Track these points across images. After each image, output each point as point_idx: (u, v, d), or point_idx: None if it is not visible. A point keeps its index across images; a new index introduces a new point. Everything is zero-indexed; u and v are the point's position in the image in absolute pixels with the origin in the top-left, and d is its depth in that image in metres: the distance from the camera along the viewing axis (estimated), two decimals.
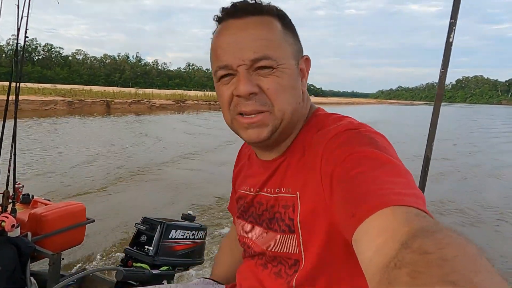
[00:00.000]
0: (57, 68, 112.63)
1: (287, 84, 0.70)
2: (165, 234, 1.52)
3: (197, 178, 6.80)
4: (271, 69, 0.68)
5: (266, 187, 0.79)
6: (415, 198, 0.51)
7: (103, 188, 5.76)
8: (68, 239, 1.64)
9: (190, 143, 11.17)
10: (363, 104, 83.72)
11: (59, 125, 14.73)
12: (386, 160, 0.58)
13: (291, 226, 0.71)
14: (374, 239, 0.45)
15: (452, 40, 1.59)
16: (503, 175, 8.73)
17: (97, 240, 3.69)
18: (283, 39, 0.71)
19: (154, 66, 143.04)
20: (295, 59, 0.73)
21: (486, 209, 5.92)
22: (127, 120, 18.89)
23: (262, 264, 0.80)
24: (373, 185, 0.53)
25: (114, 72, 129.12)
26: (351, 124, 0.70)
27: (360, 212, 0.50)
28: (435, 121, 1.63)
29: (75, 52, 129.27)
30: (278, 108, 0.70)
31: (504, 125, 27.80)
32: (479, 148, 13.31)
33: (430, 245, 0.37)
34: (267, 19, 0.70)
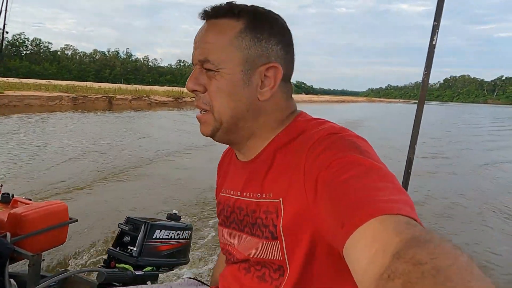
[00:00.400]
0: (45, 63, 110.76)
1: (225, 89, 0.71)
2: (149, 234, 1.48)
3: (184, 176, 6.71)
4: (213, 72, 0.71)
5: (246, 192, 0.77)
6: (404, 204, 0.50)
7: (87, 187, 5.63)
8: (49, 240, 1.59)
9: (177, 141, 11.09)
10: (354, 102, 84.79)
11: (48, 121, 14.52)
12: (371, 165, 0.58)
13: (274, 233, 0.69)
14: (366, 250, 0.45)
15: (435, 43, 1.58)
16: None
17: (80, 240, 3.62)
18: (232, 44, 0.70)
19: (145, 63, 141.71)
20: (245, 65, 0.71)
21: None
22: (128, 116, 19.14)
23: (245, 268, 0.78)
24: (360, 193, 0.52)
25: (104, 68, 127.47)
26: (333, 128, 0.69)
27: (349, 223, 0.49)
28: (417, 124, 1.63)
29: (64, 47, 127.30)
30: (216, 110, 0.73)
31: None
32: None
33: (423, 255, 0.37)
34: (222, 22, 0.71)
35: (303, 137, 0.70)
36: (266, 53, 0.71)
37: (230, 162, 0.88)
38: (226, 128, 0.74)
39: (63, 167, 6.82)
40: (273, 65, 0.72)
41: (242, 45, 0.70)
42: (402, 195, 0.53)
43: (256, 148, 0.77)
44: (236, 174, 0.83)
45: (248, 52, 0.70)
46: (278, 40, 0.72)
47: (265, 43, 0.71)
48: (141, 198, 5.28)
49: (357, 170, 0.56)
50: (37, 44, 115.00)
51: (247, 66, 0.70)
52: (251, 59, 0.71)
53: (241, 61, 0.70)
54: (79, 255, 3.36)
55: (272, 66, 0.72)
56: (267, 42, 0.71)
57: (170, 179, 6.45)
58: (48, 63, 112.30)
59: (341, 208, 0.53)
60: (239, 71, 0.70)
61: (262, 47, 0.71)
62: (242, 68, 0.70)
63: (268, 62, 0.71)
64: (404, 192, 0.55)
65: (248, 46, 0.70)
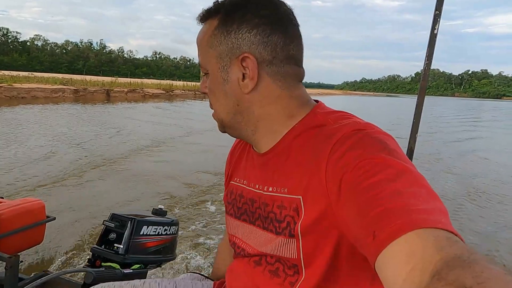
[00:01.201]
0: (15, 54, 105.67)
1: (213, 89, 0.73)
2: (136, 230, 1.41)
3: (167, 169, 6.54)
4: (207, 75, 0.74)
5: (258, 183, 0.73)
6: (441, 215, 0.46)
7: (65, 182, 5.38)
8: (26, 240, 1.48)
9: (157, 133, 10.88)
10: (331, 95, 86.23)
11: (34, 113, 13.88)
12: (401, 167, 0.53)
13: (291, 230, 0.65)
14: (402, 266, 0.41)
15: (437, 32, 1.56)
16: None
17: (59, 239, 3.44)
18: (208, 44, 0.71)
19: (120, 54, 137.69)
20: (220, 63, 0.70)
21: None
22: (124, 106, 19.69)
23: (256, 261, 0.73)
24: (393, 200, 0.48)
25: (78, 60, 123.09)
26: (358, 124, 0.63)
27: (383, 234, 0.45)
28: (418, 113, 1.61)
29: (34, 37, 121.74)
30: (214, 110, 0.76)
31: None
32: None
33: (467, 278, 0.33)
34: (205, 25, 0.72)
35: (324, 132, 0.65)
36: (236, 45, 0.68)
37: (244, 151, 0.84)
38: (229, 125, 0.75)
39: (40, 163, 6.51)
40: (245, 55, 0.67)
41: (214, 43, 0.69)
42: (436, 201, 0.49)
43: (267, 141, 0.73)
44: (249, 164, 0.79)
45: (220, 48, 0.69)
46: (252, 25, 0.67)
47: (234, 34, 0.68)
48: (122, 193, 5.10)
49: (386, 173, 0.52)
50: (5, 33, 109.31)
51: (222, 62, 0.69)
52: (223, 55, 0.69)
53: (216, 59, 0.70)
54: (59, 255, 3.19)
55: (244, 57, 0.67)
56: (236, 33, 0.68)
57: (151, 172, 6.27)
58: (18, 54, 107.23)
59: (371, 216, 0.48)
60: (217, 70, 0.70)
61: (232, 40, 0.68)
62: (219, 66, 0.70)
63: (240, 53, 0.68)
64: (437, 197, 0.50)
65: (219, 42, 0.69)
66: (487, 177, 7.46)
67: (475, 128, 18.36)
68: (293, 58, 0.70)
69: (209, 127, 10.81)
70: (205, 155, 7.80)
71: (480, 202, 5.65)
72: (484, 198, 5.87)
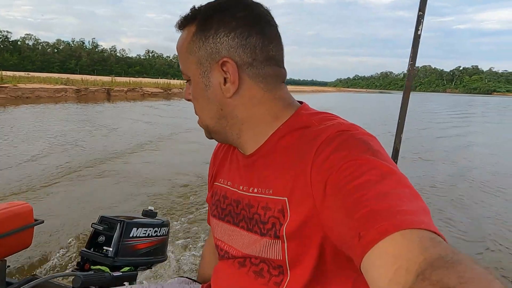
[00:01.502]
0: (5, 54, 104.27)
1: (196, 95, 0.73)
2: (126, 233, 1.40)
3: (157, 170, 6.46)
4: (189, 81, 0.73)
5: (243, 185, 0.73)
6: (424, 215, 0.47)
7: (53, 184, 5.28)
8: (13, 244, 1.45)
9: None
10: (325, 92, 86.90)
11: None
12: (386, 169, 0.53)
13: (277, 232, 0.65)
14: (387, 268, 0.41)
15: (421, 33, 1.57)
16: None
17: (48, 243, 3.39)
18: (187, 50, 0.71)
19: (112, 53, 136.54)
20: (201, 68, 0.69)
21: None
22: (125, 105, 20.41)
23: (240, 263, 0.73)
24: (378, 201, 0.48)
25: (70, 59, 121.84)
26: (342, 125, 0.63)
27: (368, 236, 0.46)
28: (403, 114, 1.61)
29: (25, 36, 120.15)
30: (199, 117, 0.76)
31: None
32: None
33: (451, 278, 0.34)
34: (186, 30, 0.71)
35: (309, 133, 0.65)
36: (215, 49, 0.67)
37: (228, 152, 0.84)
38: (214, 130, 0.75)
39: (28, 164, 6.42)
40: (224, 60, 0.67)
41: (193, 48, 0.69)
42: (419, 201, 0.50)
43: (253, 143, 0.72)
44: (234, 165, 0.78)
45: (199, 54, 0.69)
46: (229, 29, 0.67)
47: (212, 39, 0.67)
48: (111, 195, 5.04)
49: (371, 174, 0.52)
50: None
51: (202, 68, 0.69)
52: (203, 60, 0.69)
53: (197, 65, 0.70)
54: (48, 259, 3.15)
55: (224, 61, 0.67)
56: (214, 37, 0.67)
57: (140, 173, 6.20)
58: (9, 53, 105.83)
59: (356, 218, 0.49)
60: (198, 76, 0.70)
61: (210, 44, 0.67)
62: (199, 72, 0.70)
63: (220, 58, 0.67)
64: (419, 197, 0.51)
65: (198, 48, 0.69)
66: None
67: (460, 122, 18.70)
68: (273, 59, 0.69)
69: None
70: (195, 154, 7.78)
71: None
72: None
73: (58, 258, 3.16)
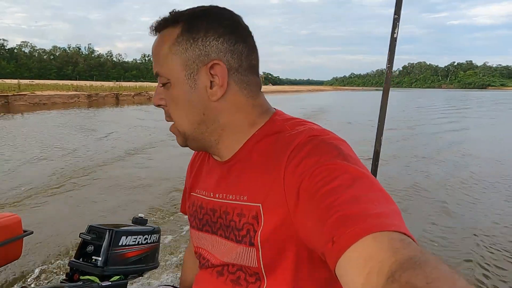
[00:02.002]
0: (2, 61, 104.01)
1: (177, 99, 0.69)
2: (114, 241, 1.38)
3: (147, 176, 6.32)
4: (168, 84, 0.69)
5: (219, 193, 0.73)
6: (395, 218, 0.48)
7: (42, 193, 5.16)
8: (2, 256, 1.43)
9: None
10: (322, 91, 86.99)
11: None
12: (357, 173, 0.54)
13: (251, 239, 0.65)
14: (360, 271, 0.42)
15: (397, 36, 1.56)
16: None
17: (37, 254, 3.32)
18: (171, 51, 0.68)
19: (109, 58, 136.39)
20: (187, 70, 0.67)
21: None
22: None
23: (218, 272, 0.73)
24: (350, 205, 0.49)
25: (67, 65, 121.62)
26: (313, 130, 0.64)
27: (341, 239, 0.46)
28: (383, 115, 1.60)
29: (21, 44, 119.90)
30: (176, 122, 0.72)
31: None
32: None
33: (418, 279, 0.35)
34: (164, 33, 0.69)
35: (282, 139, 0.65)
36: (204, 52, 0.66)
37: (204, 161, 0.83)
38: (192, 137, 0.72)
39: (17, 173, 6.31)
40: (214, 63, 0.66)
41: (179, 49, 0.67)
42: (390, 204, 0.51)
43: (230, 149, 0.72)
44: (210, 174, 0.78)
45: (186, 55, 0.67)
46: (218, 34, 0.67)
47: (201, 42, 0.66)
48: (103, 203, 4.92)
49: (343, 178, 0.53)
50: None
51: (189, 70, 0.67)
52: (190, 62, 0.67)
53: (182, 66, 0.67)
54: (37, 270, 3.09)
55: (214, 64, 0.66)
56: (203, 40, 0.66)
57: (133, 180, 6.04)
58: (5, 61, 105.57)
59: (329, 222, 0.49)
60: (183, 77, 0.67)
61: (199, 47, 0.66)
62: (185, 73, 0.67)
63: (209, 60, 0.66)
64: (390, 200, 0.52)
65: (185, 49, 0.67)
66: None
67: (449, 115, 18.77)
68: (254, 68, 0.71)
69: None
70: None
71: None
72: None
73: (47, 269, 3.11)
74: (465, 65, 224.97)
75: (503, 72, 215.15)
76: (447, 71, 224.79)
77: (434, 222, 4.42)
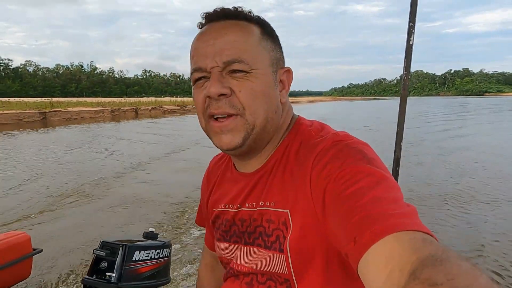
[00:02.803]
0: (8, 81, 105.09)
1: (260, 89, 0.66)
2: (128, 257, 1.36)
3: (155, 190, 6.27)
4: (245, 73, 0.65)
5: (248, 202, 0.72)
6: (416, 217, 0.48)
7: (50, 211, 5.10)
8: (12, 275, 1.40)
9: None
10: (322, 102, 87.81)
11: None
12: (380, 175, 0.55)
13: (281, 245, 0.64)
14: (382, 269, 0.42)
15: (412, 43, 1.59)
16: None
17: (47, 272, 3.24)
18: (260, 44, 0.67)
19: (110, 75, 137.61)
20: (273, 67, 0.69)
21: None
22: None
23: (248, 283, 0.71)
24: (372, 206, 0.50)
25: (70, 83, 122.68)
26: (337, 136, 0.65)
27: (363, 239, 0.47)
28: (401, 122, 1.61)
29: (25, 63, 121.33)
30: (250, 112, 0.65)
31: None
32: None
33: (439, 276, 0.35)
34: (244, 24, 0.68)
35: (307, 145, 0.67)
36: (281, 57, 0.72)
37: (225, 174, 0.82)
38: (257, 133, 0.67)
39: (31, 187, 6.34)
40: (288, 69, 0.73)
41: (268, 47, 0.69)
42: (410, 205, 0.51)
43: (266, 155, 0.73)
44: (237, 187, 0.76)
45: (273, 54, 0.70)
46: (279, 45, 0.73)
47: (279, 48, 0.72)
48: (114, 218, 4.87)
49: (366, 181, 0.53)
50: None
51: (274, 68, 0.69)
52: (275, 61, 0.70)
53: (270, 62, 0.69)
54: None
55: (288, 70, 0.73)
56: (278, 46, 0.72)
57: (141, 194, 6.00)
58: (11, 80, 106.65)
59: (352, 222, 0.50)
60: (270, 72, 0.68)
61: (279, 51, 0.72)
62: (271, 69, 0.68)
63: (283, 65, 0.72)
64: (408, 203, 0.52)
65: (271, 48, 0.70)
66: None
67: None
68: None
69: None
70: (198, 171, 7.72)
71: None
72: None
73: (60, 287, 3.05)
74: (461, 72, 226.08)
75: (500, 78, 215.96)
76: (444, 79, 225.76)
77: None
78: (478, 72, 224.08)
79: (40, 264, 3.23)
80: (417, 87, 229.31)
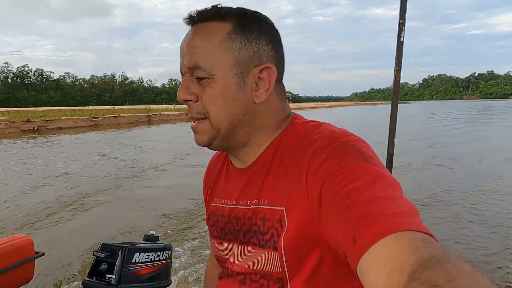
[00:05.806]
0: (50, 91, 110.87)
1: (220, 94, 0.64)
2: (128, 259, 1.35)
3: (158, 193, 6.25)
4: (207, 79, 0.64)
5: (242, 199, 0.70)
6: (415, 216, 0.47)
7: (52, 215, 5.12)
8: (14, 278, 1.41)
9: None
10: (344, 106, 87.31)
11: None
12: (377, 173, 0.53)
13: (275, 243, 0.62)
14: (381, 270, 0.41)
15: (403, 40, 1.54)
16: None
17: (50, 275, 3.26)
18: (221, 47, 0.63)
19: (140, 84, 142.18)
20: (238, 68, 0.64)
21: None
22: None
23: (240, 281, 0.69)
24: (371, 205, 0.48)
25: (104, 92, 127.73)
26: (334, 133, 0.62)
27: (363, 239, 0.45)
28: (394, 119, 1.57)
29: (64, 75, 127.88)
30: (212, 117, 0.66)
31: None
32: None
33: (439, 277, 0.35)
34: (210, 26, 0.64)
35: (303, 142, 0.63)
36: (257, 54, 0.65)
37: (222, 169, 0.80)
38: (223, 135, 0.67)
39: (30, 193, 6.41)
40: (267, 66, 0.65)
41: (232, 47, 0.64)
42: (409, 204, 0.49)
43: (254, 153, 0.70)
44: (231, 181, 0.75)
45: (239, 54, 0.64)
46: (268, 40, 0.66)
47: (255, 43, 0.65)
48: (111, 222, 4.87)
49: (364, 179, 0.51)
50: (40, 74, 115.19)
51: (240, 69, 0.64)
52: (243, 61, 0.64)
53: (233, 64, 0.64)
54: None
55: (266, 67, 0.65)
56: (257, 42, 0.65)
57: (142, 198, 5.96)
58: (53, 91, 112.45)
59: (350, 222, 0.48)
60: (233, 75, 0.64)
61: (253, 48, 0.65)
62: (235, 72, 0.64)
63: (261, 63, 0.65)
64: (408, 201, 0.50)
65: (238, 47, 0.64)
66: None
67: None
68: (283, 75, 0.72)
69: None
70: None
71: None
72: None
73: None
74: (486, 75, 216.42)
75: None
76: (468, 82, 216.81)
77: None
78: (504, 75, 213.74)
79: (43, 267, 3.24)
80: (440, 91, 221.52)
